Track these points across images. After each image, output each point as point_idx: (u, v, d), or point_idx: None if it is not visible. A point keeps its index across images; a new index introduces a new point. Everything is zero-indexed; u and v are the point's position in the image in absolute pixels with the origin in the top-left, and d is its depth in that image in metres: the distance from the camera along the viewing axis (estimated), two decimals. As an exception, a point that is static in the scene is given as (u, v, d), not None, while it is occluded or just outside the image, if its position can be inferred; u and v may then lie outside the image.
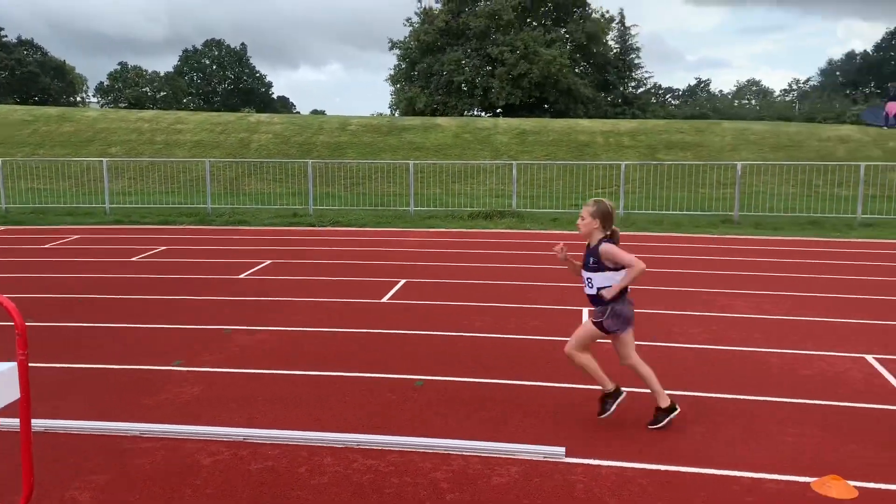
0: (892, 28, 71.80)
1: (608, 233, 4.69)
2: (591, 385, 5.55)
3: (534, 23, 47.58)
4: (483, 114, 47.37)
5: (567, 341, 4.85)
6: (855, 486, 3.89)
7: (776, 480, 4.00)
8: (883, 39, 71.35)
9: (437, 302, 8.54)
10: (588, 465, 4.20)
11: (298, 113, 71.99)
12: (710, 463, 4.21)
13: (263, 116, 31.22)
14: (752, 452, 4.36)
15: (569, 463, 4.22)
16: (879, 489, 3.91)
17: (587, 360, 4.73)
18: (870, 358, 6.26)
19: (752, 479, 4.02)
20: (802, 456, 4.31)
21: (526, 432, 4.66)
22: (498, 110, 46.16)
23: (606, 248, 4.58)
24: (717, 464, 4.19)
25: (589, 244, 4.75)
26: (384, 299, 8.73)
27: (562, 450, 4.32)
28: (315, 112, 74.64)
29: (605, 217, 4.66)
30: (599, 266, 4.63)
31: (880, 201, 18.60)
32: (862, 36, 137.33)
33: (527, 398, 5.31)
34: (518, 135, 27.49)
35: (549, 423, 4.83)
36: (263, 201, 19.76)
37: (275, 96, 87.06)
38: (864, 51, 72.74)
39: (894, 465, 4.20)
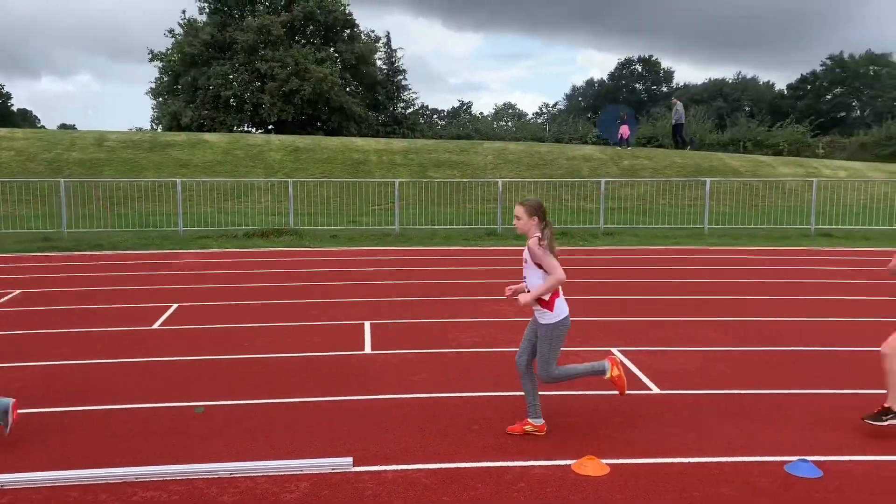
0: (622, 59, 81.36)
1: None
2: (378, 395, 5.76)
3: (303, 40, 47.46)
4: (254, 130, 46.26)
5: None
6: (607, 464, 4.44)
7: (542, 465, 4.45)
8: (616, 69, 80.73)
9: (214, 325, 8.28)
10: (375, 471, 4.37)
11: (44, 127, 65.19)
12: (486, 456, 4.57)
13: (3, 131, 27.96)
14: (520, 442, 4.80)
15: (357, 472, 4.36)
16: (626, 463, 4.49)
17: None
18: (615, 350, 7.10)
19: (522, 466, 4.43)
20: (564, 441, 4.83)
21: (314, 447, 4.72)
22: (269, 127, 45.33)
23: None
24: (492, 456, 4.57)
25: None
26: (155, 325, 8.29)
27: (349, 460, 4.45)
28: (64, 126, 68.04)
29: None
30: None
31: (618, 213, 21.05)
32: (599, 65, 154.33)
33: (313, 414, 5.37)
34: (292, 152, 27.29)
35: (337, 435, 4.94)
36: (7, 225, 17.70)
37: (14, 109, 78.10)
38: (602, 79, 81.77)
39: (636, 442, 4.84)
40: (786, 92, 68.42)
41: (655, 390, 5.94)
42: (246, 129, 45.99)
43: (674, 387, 6.01)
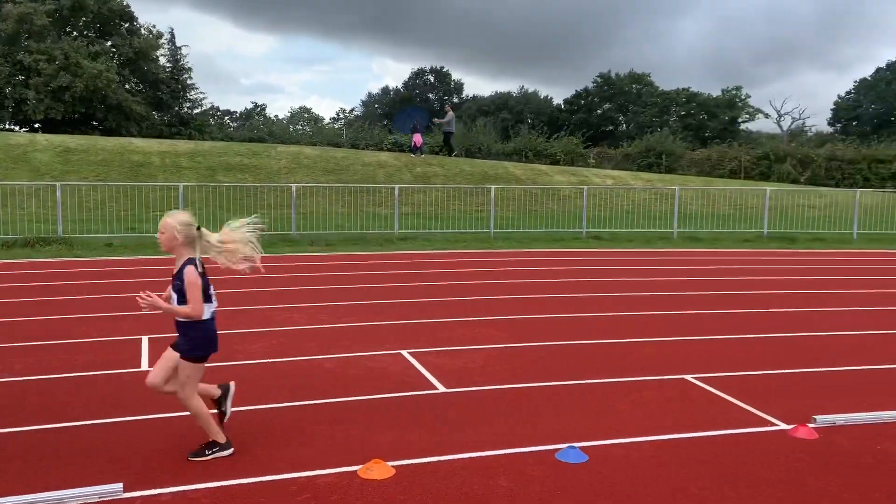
0: (416, 69, 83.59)
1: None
2: (155, 414, 5.40)
3: (74, 32, 43.56)
4: (17, 128, 41.64)
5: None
6: (392, 466, 4.51)
7: (328, 474, 4.42)
8: (410, 78, 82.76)
9: (-38, 347, 7.32)
10: (148, 495, 4.09)
11: None
12: (269, 470, 4.45)
13: None
14: (306, 453, 4.73)
15: (128, 497, 4.06)
16: (411, 464, 4.59)
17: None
18: (405, 353, 7.25)
19: (306, 477, 4.37)
20: (350, 448, 4.83)
21: (81, 475, 4.32)
22: (36, 125, 41.04)
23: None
24: (275, 470, 4.46)
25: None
26: None
27: (119, 486, 4.13)
28: None
29: None
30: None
31: (412, 218, 21.55)
32: (393, 73, 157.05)
33: (81, 439, 4.92)
34: (62, 153, 24.90)
35: (105, 461, 4.56)
36: None
37: None
38: (397, 87, 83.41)
39: (421, 442, 4.97)
40: (562, 106, 74.01)
41: (441, 389, 6.14)
42: (7, 127, 41.28)
43: (458, 385, 6.25)
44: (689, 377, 6.54)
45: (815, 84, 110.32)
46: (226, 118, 71.26)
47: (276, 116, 75.11)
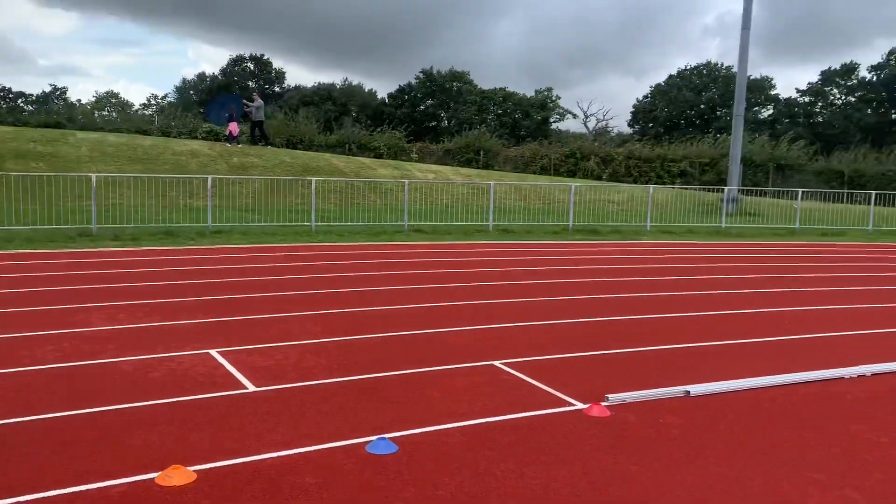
0: (234, 55, 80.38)
1: None
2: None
3: None
4: None
5: None
6: (194, 471, 4.29)
7: (122, 483, 4.12)
8: (228, 65, 79.53)
9: None
10: None
11: None
12: (54, 484, 4.08)
13: None
14: (98, 462, 4.39)
15: None
16: (216, 467, 4.39)
17: None
18: (213, 352, 6.94)
19: (97, 489, 4.05)
20: (149, 454, 4.54)
21: None
22: None
23: None
24: (60, 483, 4.09)
25: None
26: None
27: None
28: None
29: None
30: None
31: (228, 211, 20.72)
32: (210, 59, 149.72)
33: None
34: None
35: None
36: None
37: None
38: (214, 73, 79.81)
39: (227, 444, 4.78)
40: (387, 100, 74.41)
41: (251, 388, 5.94)
42: None
43: (270, 383, 6.08)
44: (497, 363, 6.81)
45: (617, 88, 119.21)
46: (19, 101, 64.66)
47: (78, 101, 69.20)
